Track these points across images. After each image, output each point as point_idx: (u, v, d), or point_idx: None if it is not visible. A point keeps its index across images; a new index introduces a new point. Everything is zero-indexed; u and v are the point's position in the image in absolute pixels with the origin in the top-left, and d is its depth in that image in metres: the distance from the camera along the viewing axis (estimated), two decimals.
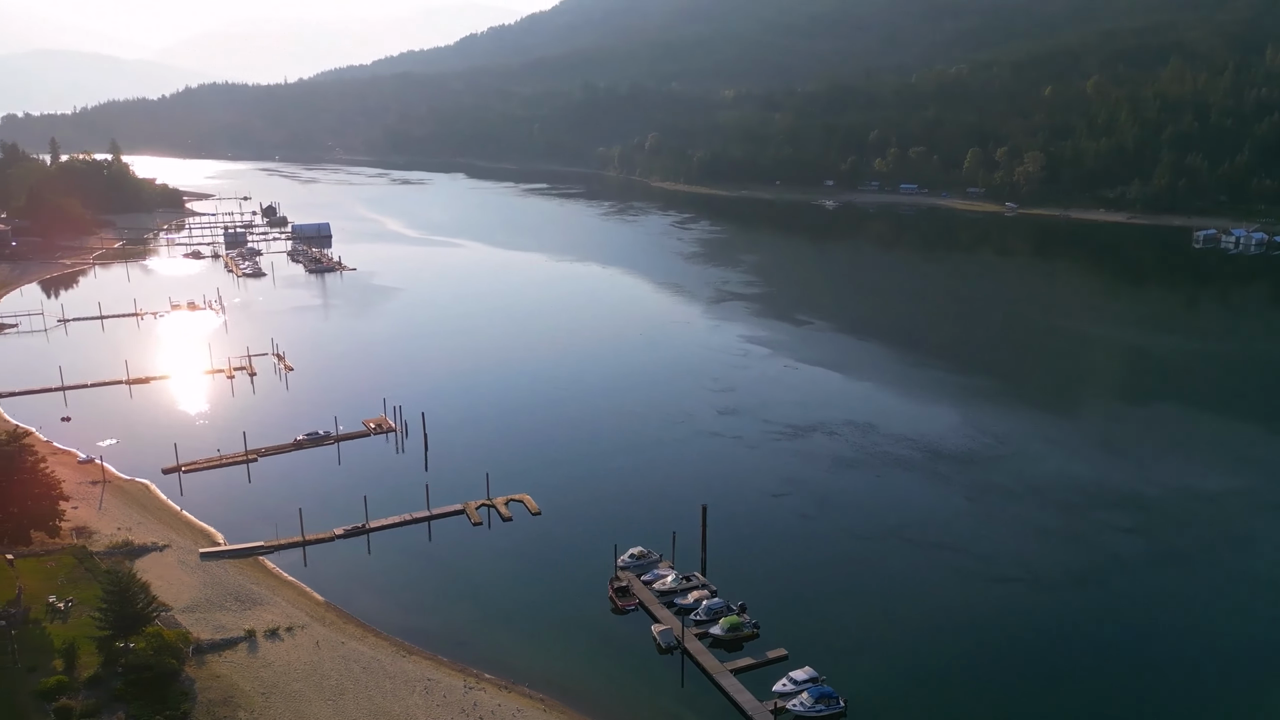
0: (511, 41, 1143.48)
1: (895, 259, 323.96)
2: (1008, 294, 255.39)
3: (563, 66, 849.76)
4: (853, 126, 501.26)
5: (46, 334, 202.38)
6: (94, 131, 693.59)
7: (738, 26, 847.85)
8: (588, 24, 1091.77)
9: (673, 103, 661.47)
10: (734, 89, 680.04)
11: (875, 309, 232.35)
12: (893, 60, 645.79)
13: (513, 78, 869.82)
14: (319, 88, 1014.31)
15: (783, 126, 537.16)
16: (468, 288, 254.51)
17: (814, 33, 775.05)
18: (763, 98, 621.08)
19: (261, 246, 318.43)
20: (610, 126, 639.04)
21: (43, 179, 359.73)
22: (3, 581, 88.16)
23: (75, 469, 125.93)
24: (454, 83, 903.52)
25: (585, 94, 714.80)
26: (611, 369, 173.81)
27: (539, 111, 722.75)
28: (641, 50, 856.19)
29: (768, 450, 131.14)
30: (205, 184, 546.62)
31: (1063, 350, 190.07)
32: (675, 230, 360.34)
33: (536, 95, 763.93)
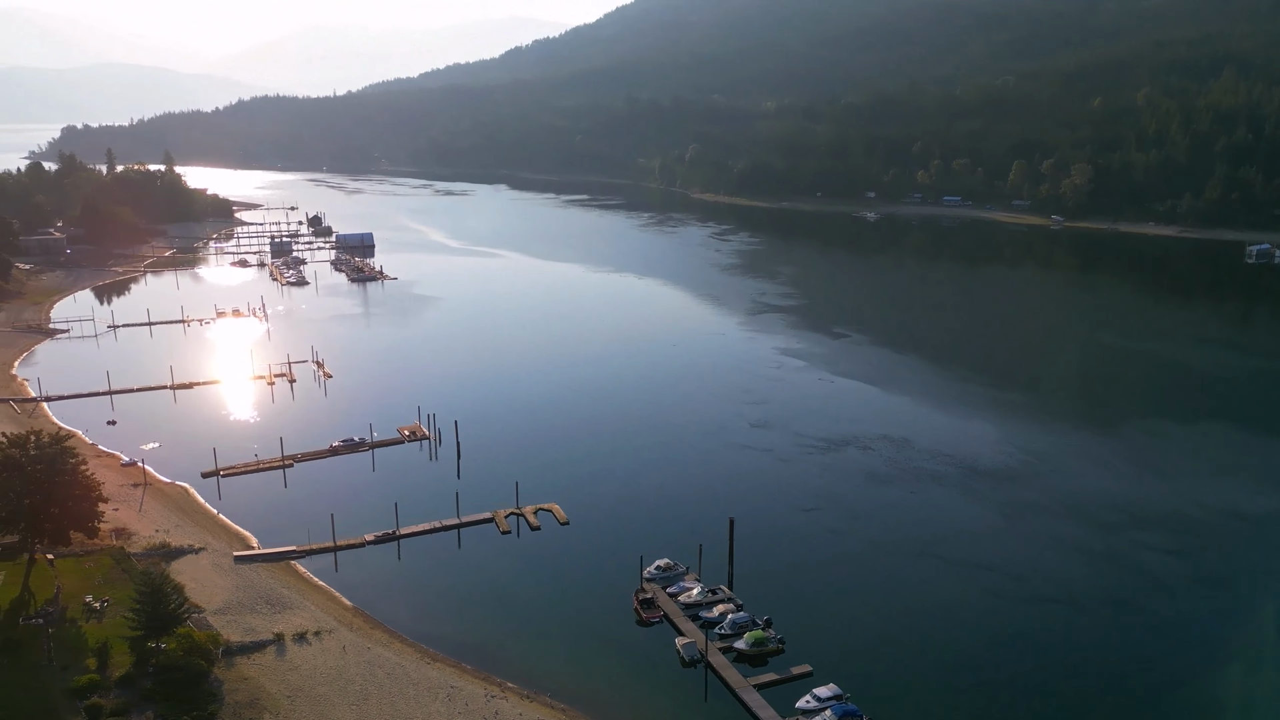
0: (555, 54, 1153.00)
1: (937, 272, 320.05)
2: (1052, 308, 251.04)
3: (605, 79, 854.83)
4: (895, 138, 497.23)
5: (97, 340, 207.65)
6: (150, 143, 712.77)
7: (781, 39, 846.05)
8: (631, 37, 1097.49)
9: (714, 114, 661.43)
10: (776, 101, 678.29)
11: (915, 322, 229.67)
12: (937, 71, 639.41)
13: (556, 90, 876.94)
14: (367, 100, 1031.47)
15: (824, 138, 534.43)
16: (505, 297, 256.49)
17: (857, 45, 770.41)
18: (804, 109, 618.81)
19: (306, 256, 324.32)
20: (651, 138, 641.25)
21: (98, 189, 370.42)
22: (43, 581, 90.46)
23: (118, 471, 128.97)
24: (498, 95, 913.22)
25: (627, 106, 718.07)
26: (645, 379, 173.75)
27: (581, 123, 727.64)
28: (684, 62, 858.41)
29: (799, 464, 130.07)
30: (255, 194, 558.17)
31: (1107, 366, 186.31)
32: (713, 241, 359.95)
33: (579, 107, 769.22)
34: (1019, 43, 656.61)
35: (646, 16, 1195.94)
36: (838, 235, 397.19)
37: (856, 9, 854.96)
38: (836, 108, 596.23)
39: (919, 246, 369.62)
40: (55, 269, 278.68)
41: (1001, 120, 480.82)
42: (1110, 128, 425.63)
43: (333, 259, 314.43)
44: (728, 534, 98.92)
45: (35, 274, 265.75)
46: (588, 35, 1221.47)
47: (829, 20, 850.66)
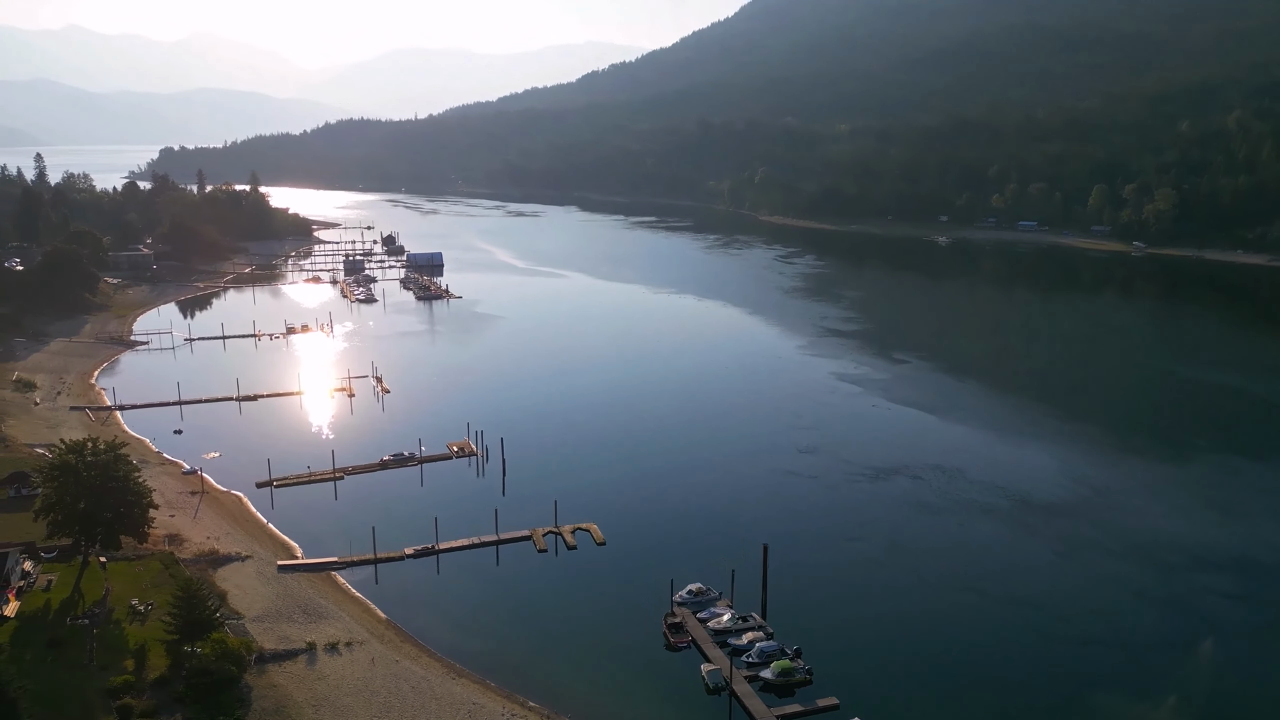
0: (631, 78, 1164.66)
1: (1009, 298, 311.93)
2: (1131, 337, 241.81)
3: (679, 102, 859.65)
4: (971, 161, 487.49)
5: (174, 352, 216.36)
6: (241, 164, 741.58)
7: (858, 62, 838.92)
8: (706, 60, 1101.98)
9: (786, 137, 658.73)
10: (850, 123, 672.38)
11: (981, 349, 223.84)
12: (1018, 93, 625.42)
13: (629, 113, 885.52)
14: (446, 123, 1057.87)
15: (897, 160, 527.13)
16: (565, 317, 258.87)
17: (936, 67, 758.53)
18: (879, 131, 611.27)
19: (377, 274, 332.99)
20: (722, 161, 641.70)
21: (186, 207, 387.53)
22: (93, 583, 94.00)
23: (179, 479, 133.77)
24: (572, 118, 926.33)
25: (699, 129, 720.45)
26: (696, 401, 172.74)
27: (652, 146, 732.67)
28: (758, 86, 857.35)
29: (845, 492, 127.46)
30: (336, 214, 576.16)
31: (1184, 399, 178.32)
32: (778, 264, 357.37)
33: (651, 130, 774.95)
34: (1105, 65, 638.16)
35: (722, 41, 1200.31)
36: (907, 259, 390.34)
37: (936, 31, 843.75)
38: (911, 130, 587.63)
39: (992, 272, 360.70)
40: (142, 284, 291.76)
41: (1082, 143, 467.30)
42: (1198, 151, 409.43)
43: (402, 277, 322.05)
44: (761, 560, 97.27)
45: (123, 288, 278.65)
46: (663, 60, 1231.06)
47: (907, 43, 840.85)
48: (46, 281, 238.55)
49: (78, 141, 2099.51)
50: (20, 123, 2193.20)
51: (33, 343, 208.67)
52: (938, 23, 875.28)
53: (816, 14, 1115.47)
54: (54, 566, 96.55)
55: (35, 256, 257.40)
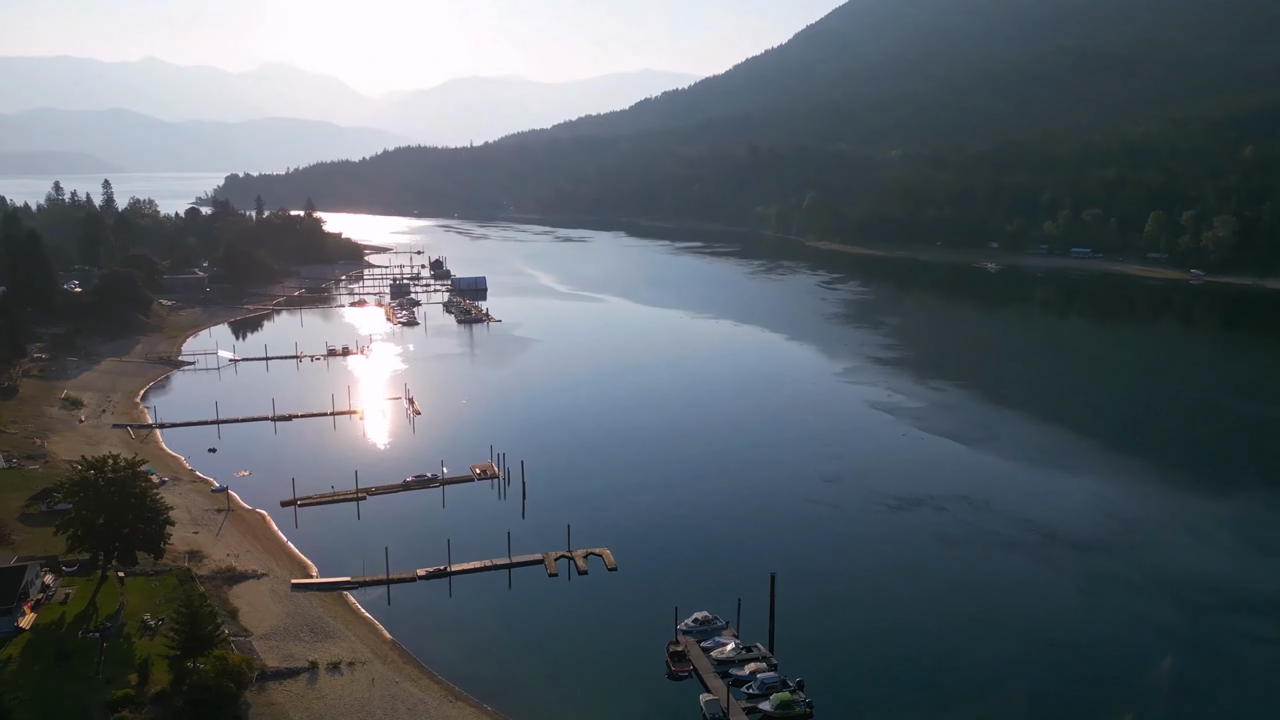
0: (683, 105, 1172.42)
1: (1059, 326, 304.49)
2: (1185, 367, 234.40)
3: (729, 128, 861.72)
4: (1023, 186, 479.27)
5: (219, 372, 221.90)
6: (302, 190, 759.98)
7: (911, 87, 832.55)
8: (758, 87, 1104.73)
9: (835, 162, 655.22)
10: (900, 148, 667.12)
11: (1025, 378, 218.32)
12: (1074, 118, 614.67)
13: (679, 139, 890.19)
14: (499, 150, 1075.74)
15: (947, 185, 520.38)
16: (600, 341, 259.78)
17: (990, 90, 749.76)
18: (929, 156, 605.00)
19: (421, 297, 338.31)
20: (770, 186, 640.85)
21: (242, 232, 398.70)
22: (109, 597, 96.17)
23: (206, 496, 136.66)
24: (623, 145, 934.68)
25: (748, 154, 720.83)
26: (723, 427, 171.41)
27: (701, 171, 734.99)
28: (809, 112, 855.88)
29: (865, 521, 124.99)
30: (389, 238, 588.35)
31: (1234, 433, 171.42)
32: (821, 290, 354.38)
33: (700, 156, 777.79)
34: (1165, 89, 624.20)
35: (775, 67, 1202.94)
36: (954, 286, 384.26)
37: (990, 55, 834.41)
38: (962, 155, 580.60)
39: (1043, 299, 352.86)
40: (195, 305, 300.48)
41: (1140, 169, 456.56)
42: (1260, 177, 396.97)
43: (445, 301, 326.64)
44: (769, 589, 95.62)
45: (176, 310, 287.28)
46: (715, 86, 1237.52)
47: (960, 67, 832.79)
48: (102, 303, 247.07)
49: (152, 169, 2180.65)
50: (99, 150, 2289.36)
51: (85, 362, 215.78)
52: (992, 47, 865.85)
53: (869, 39, 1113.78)
54: (73, 580, 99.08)
55: (94, 279, 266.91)
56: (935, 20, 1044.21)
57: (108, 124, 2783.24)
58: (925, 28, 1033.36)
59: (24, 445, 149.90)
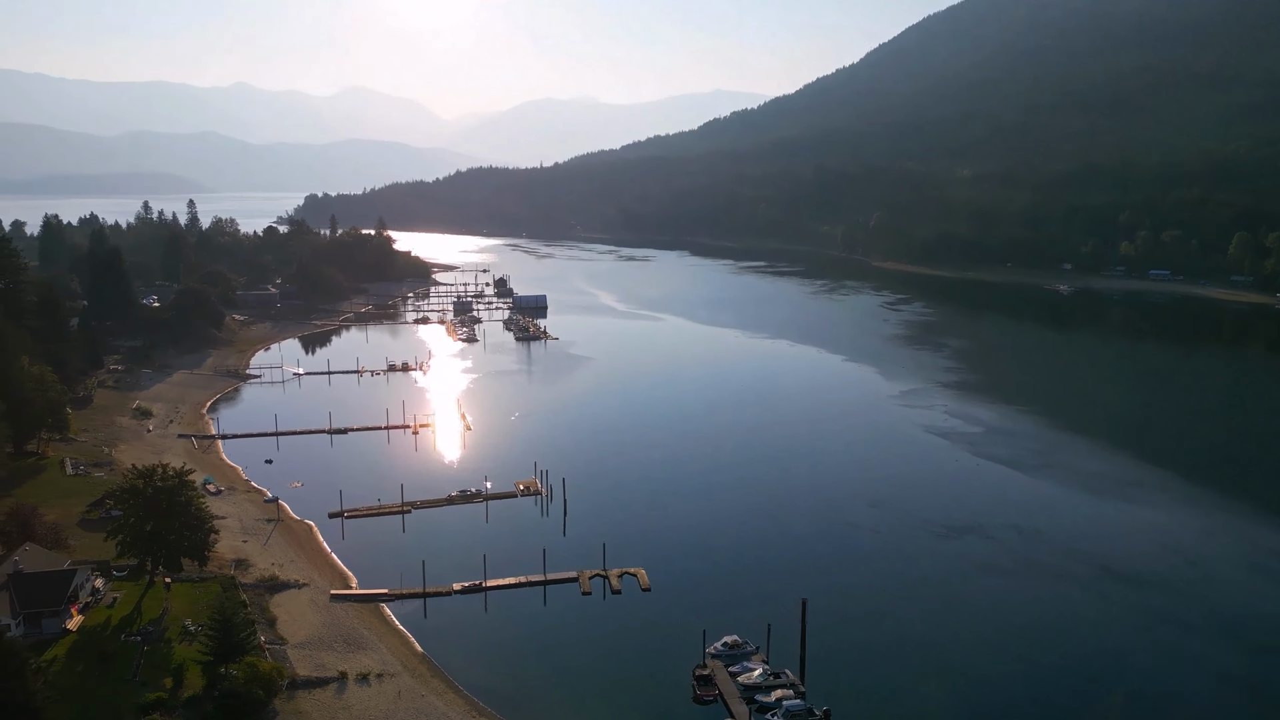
0: (752, 124, 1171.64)
1: (1135, 350, 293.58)
2: (1269, 397, 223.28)
3: (798, 147, 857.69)
4: (1099, 207, 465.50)
5: (283, 385, 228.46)
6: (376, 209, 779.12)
7: (985, 106, 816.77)
8: (829, 106, 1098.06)
9: (904, 182, 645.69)
10: (972, 168, 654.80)
11: (1093, 404, 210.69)
12: (1155, 137, 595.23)
13: (747, 159, 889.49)
14: (568, 170, 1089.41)
15: (1019, 205, 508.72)
16: (653, 360, 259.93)
17: (1068, 109, 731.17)
18: (1002, 176, 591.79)
19: (483, 315, 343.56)
20: (837, 205, 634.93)
21: (314, 250, 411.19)
22: (154, 602, 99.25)
23: (259, 506, 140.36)
24: (691, 165, 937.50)
25: (815, 173, 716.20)
26: (770, 447, 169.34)
27: (767, 191, 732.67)
28: (879, 131, 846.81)
29: (908, 548, 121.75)
30: (458, 257, 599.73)
31: None
32: (883, 311, 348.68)
33: (767, 175, 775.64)
34: (1253, 106, 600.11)
35: (845, 86, 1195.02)
36: (1024, 308, 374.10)
37: (1069, 74, 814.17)
38: (1037, 174, 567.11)
39: (1119, 323, 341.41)
40: (266, 320, 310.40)
41: (1224, 189, 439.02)
42: None
43: (505, 318, 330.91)
44: (800, 615, 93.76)
45: (247, 325, 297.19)
46: (785, 106, 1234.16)
47: (1037, 86, 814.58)
48: (177, 317, 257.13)
49: (238, 189, 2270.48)
50: (189, 171, 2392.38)
51: (158, 374, 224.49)
52: (1071, 65, 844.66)
53: (943, 58, 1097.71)
54: (122, 584, 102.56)
55: (172, 294, 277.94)
56: (1012, 39, 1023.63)
57: (198, 146, 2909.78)
58: (1001, 47, 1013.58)
59: (92, 453, 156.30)
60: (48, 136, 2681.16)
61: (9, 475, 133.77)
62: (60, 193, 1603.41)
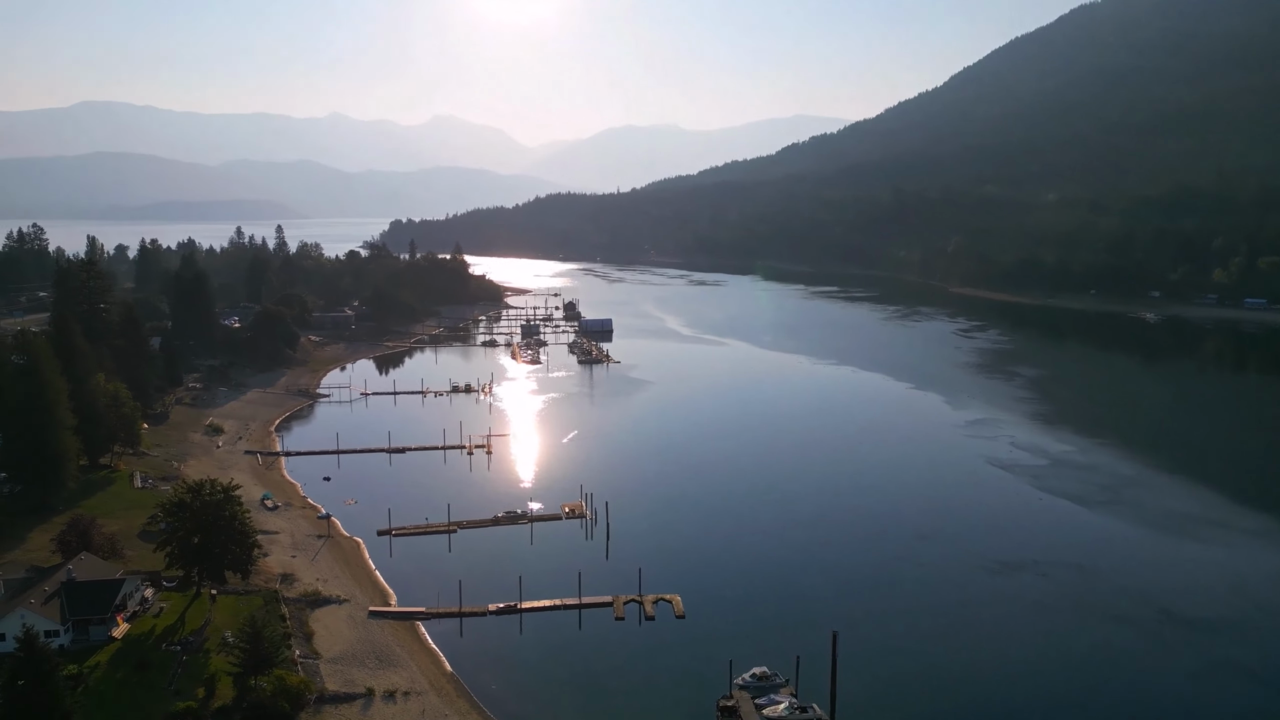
0: (831, 149, 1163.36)
1: (1225, 382, 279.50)
2: None
3: (876, 171, 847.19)
4: (1190, 232, 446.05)
5: (350, 405, 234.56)
6: (457, 234, 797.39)
7: (1072, 129, 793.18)
8: (909, 129, 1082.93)
9: (984, 206, 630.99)
10: (1058, 192, 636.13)
11: (1173, 437, 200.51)
12: (1255, 160, 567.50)
13: (823, 183, 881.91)
14: (643, 196, 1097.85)
15: (1106, 231, 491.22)
16: (712, 385, 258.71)
17: (1160, 132, 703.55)
18: (1089, 201, 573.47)
19: (550, 338, 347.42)
20: (914, 230, 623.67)
21: (390, 274, 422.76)
22: (198, 613, 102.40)
23: (312, 522, 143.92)
24: (766, 189, 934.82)
25: (892, 197, 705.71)
26: (823, 476, 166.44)
27: (843, 215, 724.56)
28: (960, 155, 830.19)
29: (956, 584, 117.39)
30: (531, 281, 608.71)
31: None
32: (956, 338, 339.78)
33: (843, 199, 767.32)
34: None
35: (926, 110, 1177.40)
36: (1107, 337, 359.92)
37: (1162, 96, 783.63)
38: (1125, 199, 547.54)
39: (1210, 353, 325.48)
40: (340, 342, 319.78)
41: None
42: None
43: (570, 342, 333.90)
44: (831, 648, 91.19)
45: (322, 345, 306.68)
46: (865, 130, 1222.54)
47: (1128, 108, 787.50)
48: (254, 338, 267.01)
49: (330, 215, 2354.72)
50: (286, 198, 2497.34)
51: (233, 392, 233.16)
52: (1163, 88, 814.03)
53: (1028, 81, 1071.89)
54: (170, 595, 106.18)
55: (251, 315, 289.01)
56: (1102, 60, 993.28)
57: (295, 174, 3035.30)
58: (1090, 68, 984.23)
59: (161, 467, 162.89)
60: (157, 165, 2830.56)
61: (79, 487, 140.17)
62: (167, 218, 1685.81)
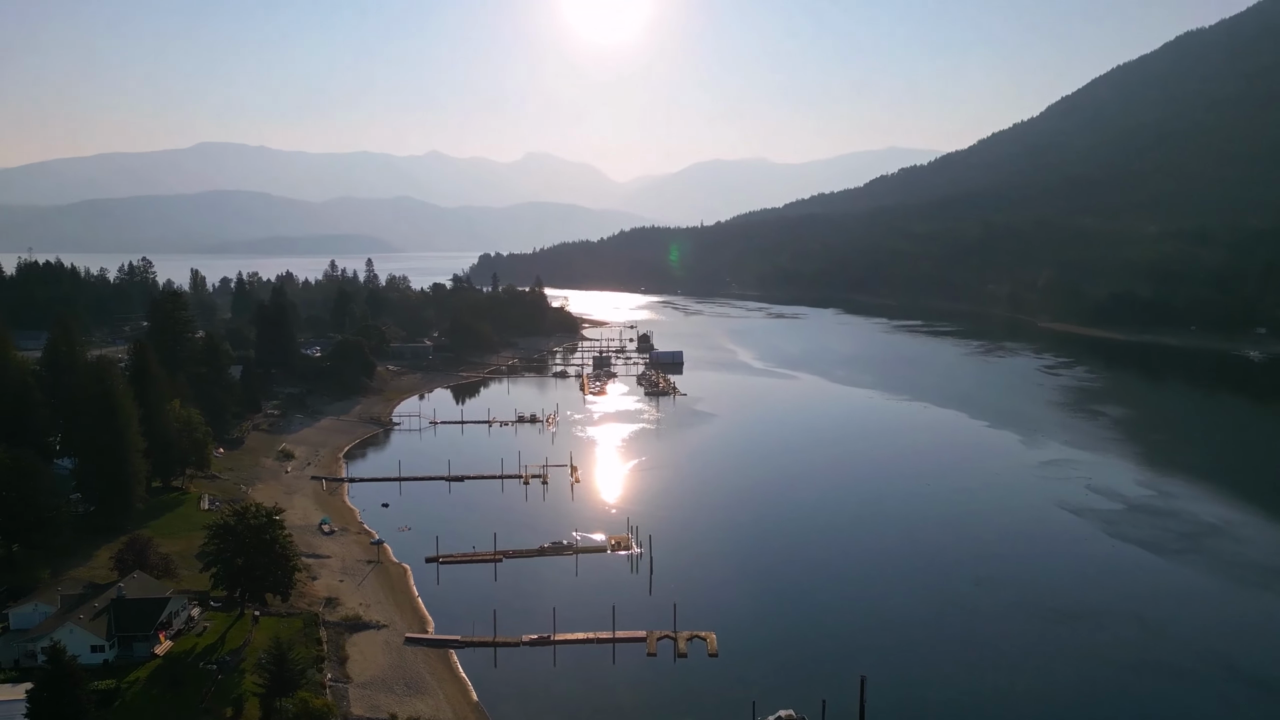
0: (920, 181, 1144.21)
1: None
2: None
3: (965, 204, 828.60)
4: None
5: (420, 434, 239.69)
6: (542, 268, 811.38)
7: (1176, 158, 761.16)
8: (1002, 161, 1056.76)
9: (1079, 239, 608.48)
10: (1159, 224, 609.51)
11: (1269, 485, 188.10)
12: None
13: (911, 215, 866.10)
14: (727, 229, 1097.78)
15: (1209, 264, 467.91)
16: (777, 419, 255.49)
17: (1272, 162, 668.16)
18: (1193, 233, 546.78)
19: (620, 370, 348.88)
20: (1004, 263, 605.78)
21: (470, 305, 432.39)
22: (239, 633, 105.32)
23: (364, 548, 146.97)
24: (852, 222, 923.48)
25: (981, 230, 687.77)
26: (880, 516, 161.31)
27: (929, 248, 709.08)
28: (1054, 186, 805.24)
29: (1006, 632, 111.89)
30: (610, 313, 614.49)
31: None
32: (1040, 375, 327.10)
33: (930, 232, 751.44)
34: None
35: (1021, 140, 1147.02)
36: (1207, 375, 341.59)
37: (1274, 123, 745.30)
38: (1233, 231, 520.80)
39: None
40: (417, 372, 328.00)
41: None
42: None
43: (639, 374, 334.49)
44: (859, 693, 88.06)
45: (399, 375, 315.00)
46: (955, 162, 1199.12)
47: (1237, 137, 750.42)
48: (333, 367, 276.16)
49: (425, 249, 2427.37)
50: (384, 233, 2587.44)
51: (308, 419, 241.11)
52: (1276, 114, 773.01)
53: (1130, 110, 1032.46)
54: (216, 615, 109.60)
55: (331, 345, 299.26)
56: (1209, 87, 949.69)
57: (394, 209, 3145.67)
58: (1196, 95, 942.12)
59: (230, 490, 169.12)
60: (266, 202, 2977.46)
61: (149, 508, 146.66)
62: (274, 252, 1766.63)
